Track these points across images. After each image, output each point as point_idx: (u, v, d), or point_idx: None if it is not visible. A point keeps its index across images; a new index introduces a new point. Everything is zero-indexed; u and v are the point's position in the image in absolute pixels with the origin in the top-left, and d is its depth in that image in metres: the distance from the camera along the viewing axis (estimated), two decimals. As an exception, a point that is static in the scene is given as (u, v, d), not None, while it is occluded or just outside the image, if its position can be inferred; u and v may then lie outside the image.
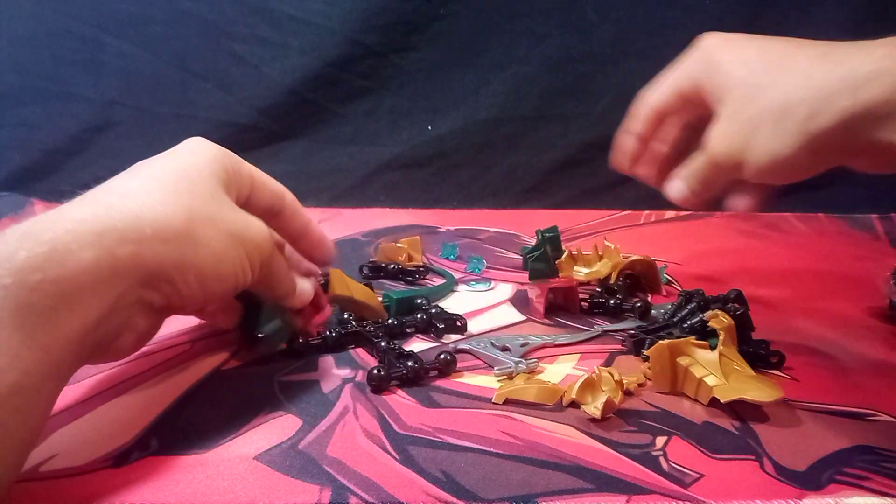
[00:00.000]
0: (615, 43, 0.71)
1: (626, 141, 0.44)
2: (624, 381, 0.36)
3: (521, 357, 0.39)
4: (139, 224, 0.29)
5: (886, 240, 0.65)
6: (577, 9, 0.70)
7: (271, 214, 0.40)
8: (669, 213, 0.69)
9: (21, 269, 0.25)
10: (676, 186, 0.40)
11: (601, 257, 0.53)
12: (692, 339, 0.37)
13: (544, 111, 0.72)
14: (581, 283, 0.50)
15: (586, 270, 0.52)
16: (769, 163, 0.33)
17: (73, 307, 0.26)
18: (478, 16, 0.70)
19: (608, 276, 0.51)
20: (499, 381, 0.37)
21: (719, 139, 0.35)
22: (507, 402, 0.35)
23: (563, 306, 0.47)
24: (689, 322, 0.41)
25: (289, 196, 0.41)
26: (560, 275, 0.52)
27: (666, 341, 0.36)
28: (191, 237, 0.31)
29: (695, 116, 0.40)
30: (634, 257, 0.51)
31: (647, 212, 0.69)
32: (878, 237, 0.66)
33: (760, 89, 0.34)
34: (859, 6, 0.67)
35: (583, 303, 0.47)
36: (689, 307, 0.42)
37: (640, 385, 0.37)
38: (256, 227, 0.35)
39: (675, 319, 0.42)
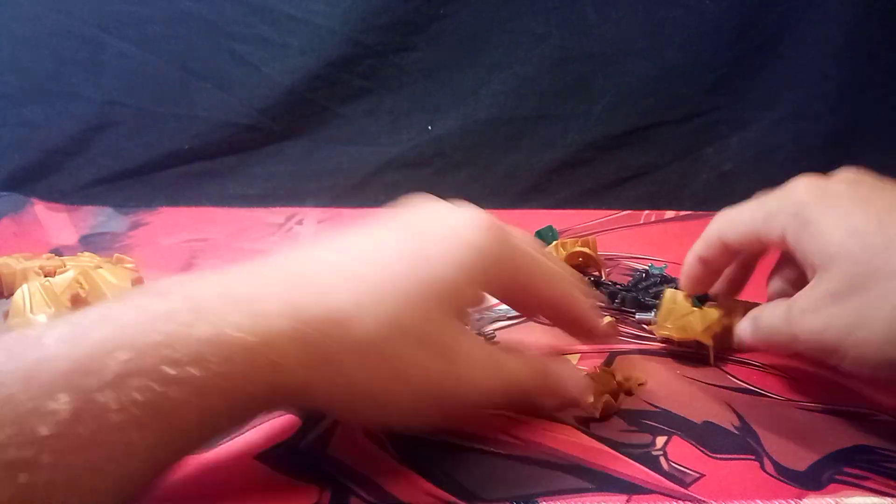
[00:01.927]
0: (615, 43, 0.70)
1: (694, 266, 0.39)
2: (624, 382, 0.36)
3: (479, 332, 0.40)
4: (312, 342, 0.25)
5: (886, 240, 0.65)
6: (577, 9, 0.70)
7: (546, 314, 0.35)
8: (669, 213, 0.69)
9: (162, 362, 0.22)
10: (746, 328, 0.35)
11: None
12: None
13: (544, 111, 0.72)
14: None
15: None
16: (878, 364, 0.28)
17: (203, 424, 0.24)
18: (478, 16, 0.70)
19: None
20: None
21: (814, 320, 0.30)
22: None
23: None
24: (653, 290, 0.45)
25: (579, 306, 0.34)
26: None
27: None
28: (351, 376, 0.26)
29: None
30: (578, 248, 0.52)
31: (647, 212, 0.69)
32: (878, 237, 0.66)
33: (877, 274, 0.28)
34: (859, 6, 0.67)
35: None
36: (651, 279, 0.47)
37: (640, 385, 0.37)
38: (471, 381, 0.28)
39: (640, 286, 0.47)
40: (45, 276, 0.45)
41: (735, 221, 0.36)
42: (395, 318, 0.26)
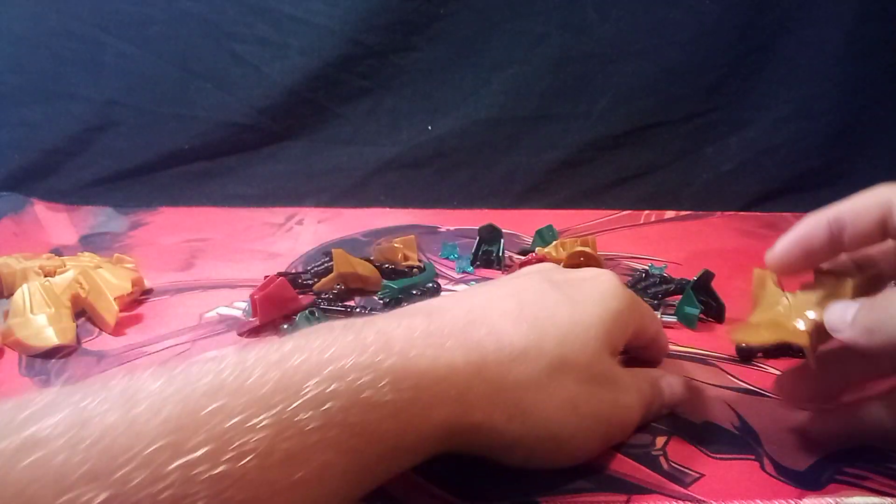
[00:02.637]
0: (615, 43, 0.71)
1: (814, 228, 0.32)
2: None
3: None
4: (491, 376, 0.26)
5: (886, 240, 0.65)
6: (577, 9, 0.70)
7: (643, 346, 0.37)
8: (670, 213, 0.69)
9: (363, 422, 0.22)
10: (847, 312, 0.29)
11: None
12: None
13: (544, 111, 0.72)
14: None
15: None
16: None
17: (396, 453, 0.24)
18: (478, 16, 0.70)
19: None
20: None
21: None
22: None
23: None
24: (651, 290, 0.45)
25: (663, 340, 0.38)
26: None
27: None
28: (528, 409, 0.27)
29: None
30: (579, 248, 0.52)
31: (647, 212, 0.69)
32: (878, 237, 0.66)
33: None
34: (859, 6, 0.67)
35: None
36: (650, 279, 0.47)
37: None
38: (629, 406, 0.31)
39: (639, 286, 0.47)
40: (45, 276, 0.45)
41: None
42: (563, 354, 0.28)
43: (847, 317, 0.28)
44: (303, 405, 0.21)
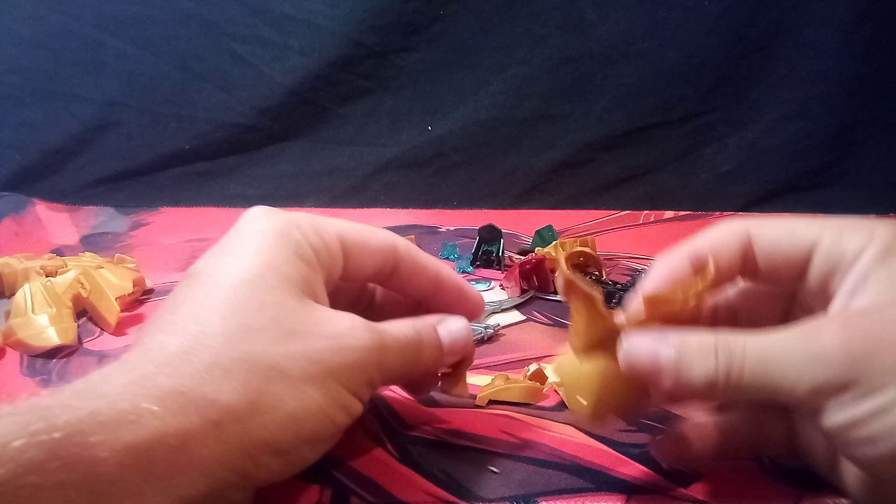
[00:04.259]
0: (615, 43, 0.71)
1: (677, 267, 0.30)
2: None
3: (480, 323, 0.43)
4: (186, 411, 0.21)
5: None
6: (577, 9, 0.70)
7: (384, 275, 0.30)
8: (669, 213, 0.69)
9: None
10: (664, 349, 0.24)
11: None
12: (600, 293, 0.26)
13: (544, 111, 0.72)
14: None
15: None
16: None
17: None
18: (478, 16, 0.70)
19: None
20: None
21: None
22: (501, 403, 0.35)
23: (535, 282, 0.50)
24: None
25: (402, 246, 0.30)
26: None
27: (568, 273, 0.26)
28: (251, 409, 0.23)
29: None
30: (579, 248, 0.52)
31: (646, 212, 0.69)
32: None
33: None
34: (858, 6, 0.67)
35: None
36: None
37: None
38: (348, 340, 0.26)
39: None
40: (47, 276, 0.46)
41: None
42: (240, 325, 0.24)
43: (659, 354, 0.24)
44: None
